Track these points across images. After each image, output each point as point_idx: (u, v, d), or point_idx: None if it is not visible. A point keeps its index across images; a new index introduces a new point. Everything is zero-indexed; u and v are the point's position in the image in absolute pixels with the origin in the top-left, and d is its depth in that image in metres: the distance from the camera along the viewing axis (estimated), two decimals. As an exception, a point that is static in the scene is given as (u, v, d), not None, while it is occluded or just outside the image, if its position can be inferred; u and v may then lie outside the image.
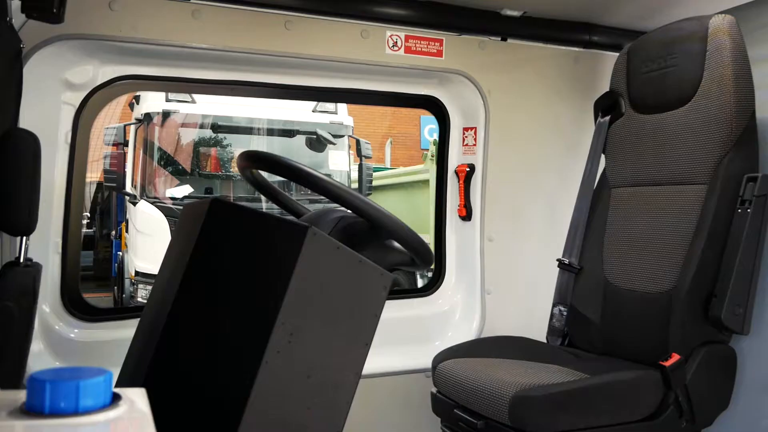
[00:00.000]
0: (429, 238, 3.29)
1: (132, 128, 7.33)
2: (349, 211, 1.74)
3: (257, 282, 1.56)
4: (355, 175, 8.08)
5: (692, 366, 2.09)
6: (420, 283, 6.98)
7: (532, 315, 2.76)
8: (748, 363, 2.26)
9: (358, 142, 7.96)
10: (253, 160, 1.83)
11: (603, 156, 2.62)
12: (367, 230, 1.76)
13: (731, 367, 2.21)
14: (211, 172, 7.42)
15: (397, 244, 1.81)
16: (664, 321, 2.16)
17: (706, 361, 2.11)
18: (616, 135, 2.55)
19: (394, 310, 2.91)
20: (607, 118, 2.60)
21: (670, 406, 2.06)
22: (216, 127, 7.39)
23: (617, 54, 2.65)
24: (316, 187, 1.65)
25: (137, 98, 7.43)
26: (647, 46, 2.46)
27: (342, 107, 7.91)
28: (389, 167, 11.96)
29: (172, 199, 6.99)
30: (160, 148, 7.18)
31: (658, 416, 2.06)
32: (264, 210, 6.12)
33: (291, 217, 2.02)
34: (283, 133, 7.60)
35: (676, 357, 2.05)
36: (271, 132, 7.56)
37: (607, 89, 2.63)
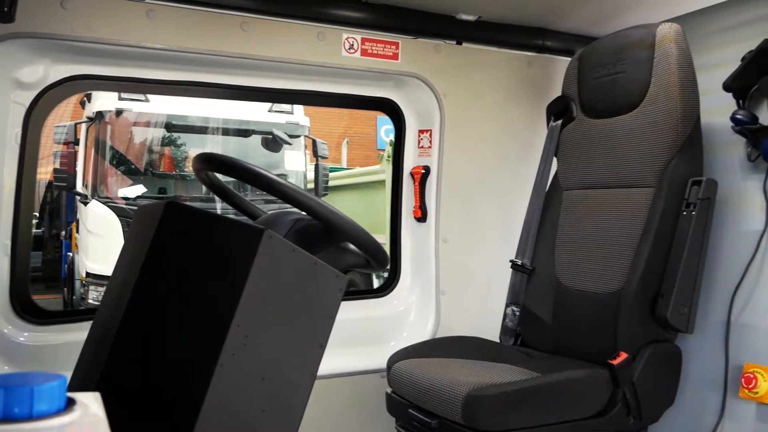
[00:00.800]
0: (386, 239, 3.32)
1: (83, 127, 7.19)
2: (304, 213, 1.74)
3: (212, 285, 1.56)
4: (311, 175, 8.06)
5: (639, 364, 2.15)
6: (376, 284, 7.00)
7: (486, 315, 2.79)
8: (693, 361, 2.34)
9: (314, 142, 7.94)
10: (209, 162, 1.82)
11: (555, 159, 2.68)
12: (322, 232, 1.77)
13: (676, 365, 2.28)
14: (165, 171, 7.32)
15: (352, 246, 1.82)
16: (613, 320, 2.22)
17: (652, 359, 2.18)
18: (568, 138, 2.61)
19: (349, 311, 2.92)
20: (559, 122, 2.65)
21: (618, 403, 2.12)
22: (170, 127, 7.29)
23: (570, 59, 2.71)
24: (271, 189, 1.66)
25: (89, 96, 7.29)
26: (598, 52, 2.52)
27: (298, 107, 7.89)
28: (346, 167, 11.96)
29: (125, 199, 6.88)
30: (112, 147, 7.05)
31: (607, 413, 2.11)
32: (219, 211, 6.07)
33: (246, 220, 2.02)
34: (238, 133, 7.54)
35: (623, 355, 2.10)
36: (226, 132, 7.50)
37: (560, 93, 2.69)
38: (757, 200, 2.27)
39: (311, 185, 8.05)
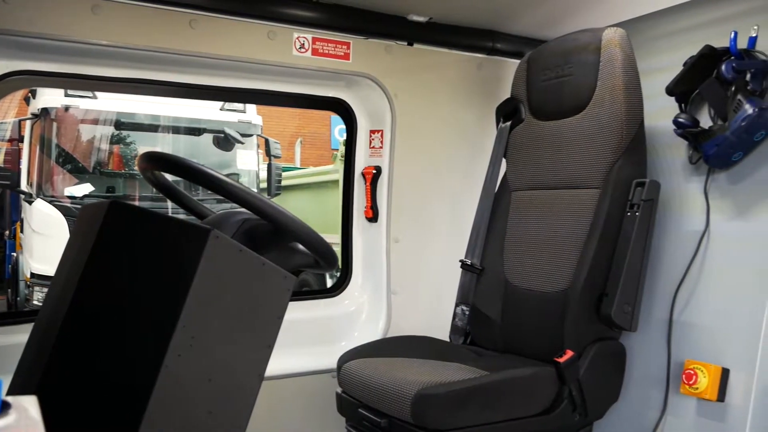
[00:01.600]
0: (339, 239, 3.31)
1: (28, 123, 7.00)
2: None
3: (158, 285, 1.53)
4: (264, 174, 8.00)
5: (585, 362, 2.19)
6: (330, 284, 6.99)
7: (436, 315, 2.81)
8: (636, 358, 2.40)
9: (267, 141, 7.89)
10: (154, 161, 1.80)
11: (504, 160, 2.71)
12: (271, 233, 1.76)
13: (621, 362, 2.33)
14: (113, 170, 7.18)
15: (301, 247, 1.82)
16: (560, 319, 2.26)
17: (597, 356, 2.22)
18: (517, 140, 2.64)
19: (300, 311, 2.92)
20: (508, 123, 2.68)
21: (564, 400, 2.16)
22: (119, 124, 7.15)
23: (519, 61, 2.74)
24: (219, 189, 1.64)
25: (33, 92, 7.10)
26: (545, 55, 2.56)
27: (251, 106, 7.83)
28: (299, 167, 11.91)
29: (71, 198, 6.72)
30: (58, 145, 6.88)
31: (553, 410, 2.15)
32: (170, 212, 5.98)
33: (194, 219, 1.99)
34: (189, 132, 7.44)
35: (569, 353, 2.14)
36: (176, 130, 7.39)
37: (509, 95, 2.72)
38: (698, 201, 2.33)
39: (264, 185, 8.00)
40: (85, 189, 6.86)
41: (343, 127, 3.12)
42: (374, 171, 2.97)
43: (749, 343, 2.12)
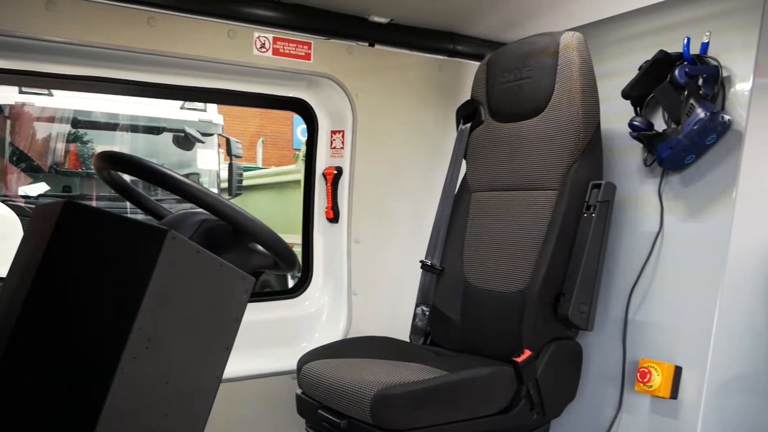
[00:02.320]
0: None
1: (-20, 121, 6.82)
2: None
3: (114, 287, 1.51)
4: (225, 174, 7.93)
5: (542, 361, 2.22)
6: (292, 284, 6.95)
7: (397, 315, 2.82)
8: (593, 357, 2.44)
9: (228, 140, 7.81)
10: (110, 161, 1.76)
11: (464, 161, 2.73)
12: (229, 233, 1.74)
13: (577, 362, 2.37)
14: (69, 169, 7.03)
15: (260, 247, 1.81)
16: (518, 319, 2.28)
17: (555, 356, 2.25)
18: (476, 141, 2.67)
19: (261, 312, 2.91)
20: (468, 125, 2.70)
21: (522, 399, 2.18)
22: (76, 122, 7.01)
23: (479, 63, 2.77)
24: (176, 189, 1.62)
25: (-15, 89, 6.93)
26: (505, 57, 2.59)
27: (212, 105, 7.75)
28: (261, 167, 11.82)
29: (25, 197, 6.57)
30: (12, 143, 6.72)
31: (512, 409, 2.17)
32: (129, 212, 5.89)
33: (152, 220, 1.97)
34: (148, 130, 7.33)
35: (527, 353, 2.17)
36: (135, 128, 7.27)
37: (469, 97, 2.74)
38: (653, 203, 2.38)
39: (225, 185, 7.93)
40: (40, 188, 6.71)
41: (306, 126, 3.11)
42: (335, 171, 2.97)
43: (701, 342, 2.17)
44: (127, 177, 1.92)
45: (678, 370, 2.20)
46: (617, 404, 2.35)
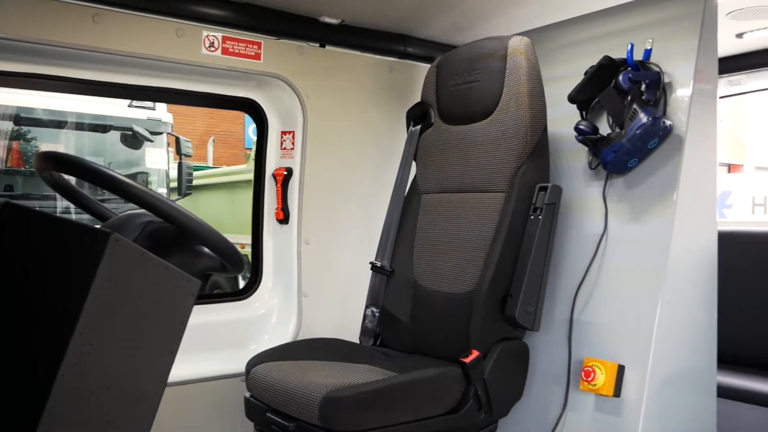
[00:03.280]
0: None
1: None
2: None
3: (54, 291, 1.48)
4: (174, 173, 7.81)
5: (490, 361, 2.24)
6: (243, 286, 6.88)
7: (347, 316, 2.82)
8: (539, 357, 2.47)
9: (177, 139, 7.69)
10: (51, 161, 1.72)
11: (414, 163, 2.75)
12: (175, 235, 1.72)
13: (524, 361, 2.40)
14: (12, 167, 6.83)
15: (207, 249, 1.79)
16: (466, 320, 2.30)
17: (502, 356, 2.28)
18: (426, 144, 2.68)
19: (209, 315, 2.87)
20: (418, 127, 2.72)
21: (470, 399, 2.19)
22: (18, 119, 6.81)
23: (429, 66, 2.78)
24: (119, 190, 1.59)
25: None
26: (454, 60, 2.61)
27: (161, 103, 7.62)
28: (211, 166, 11.68)
29: (-37, 197, 6.36)
30: (-51, 141, 6.51)
31: (460, 409, 2.18)
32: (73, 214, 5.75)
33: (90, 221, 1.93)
34: (95, 128, 7.17)
35: (475, 353, 2.19)
36: (81, 126, 7.10)
37: (420, 99, 2.76)
38: (597, 205, 2.43)
39: (175, 184, 7.81)
40: (-21, 188, 6.51)
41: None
42: (285, 172, 2.95)
43: (643, 340, 2.22)
44: (71, 178, 1.88)
45: (621, 369, 2.25)
46: (563, 403, 2.39)
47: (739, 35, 3.01)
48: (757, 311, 3.14)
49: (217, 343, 2.85)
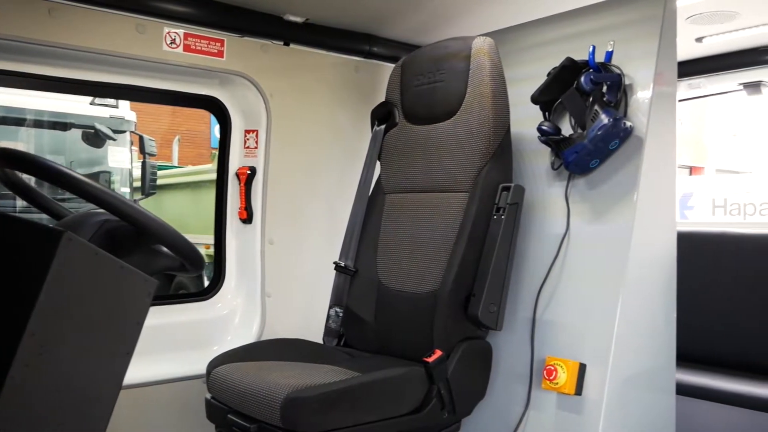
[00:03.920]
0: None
1: None
2: None
3: (5, 291, 1.44)
4: (138, 173, 7.69)
5: (453, 361, 2.24)
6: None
7: (311, 317, 2.80)
8: (502, 356, 2.48)
9: (141, 138, 7.57)
10: (3, 158, 1.68)
11: (379, 162, 2.74)
12: (133, 235, 1.69)
13: (487, 360, 2.40)
14: (-34, 165, 6.65)
15: (166, 249, 1.76)
16: (430, 320, 2.30)
17: (465, 355, 2.28)
18: (390, 143, 2.68)
19: (171, 315, 2.84)
20: (383, 126, 2.71)
21: (433, 399, 2.19)
22: (-27, 117, 6.66)
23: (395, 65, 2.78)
24: (74, 189, 1.56)
25: None
26: (418, 60, 2.61)
27: (124, 101, 7.50)
28: (176, 166, 11.55)
29: None
30: None
31: (423, 409, 2.18)
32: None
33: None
34: (55, 126, 7.02)
35: (438, 353, 2.19)
36: (41, 124, 6.95)
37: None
38: (560, 206, 2.45)
39: (139, 183, 7.69)
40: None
41: (220, 125, 3.05)
42: (249, 171, 2.93)
43: (604, 339, 2.25)
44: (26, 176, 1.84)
45: (582, 368, 2.27)
46: (525, 401, 2.41)
47: (699, 39, 3.06)
48: (715, 310, 3.20)
49: (178, 344, 2.81)
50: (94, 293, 1.45)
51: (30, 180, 1.93)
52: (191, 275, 2.73)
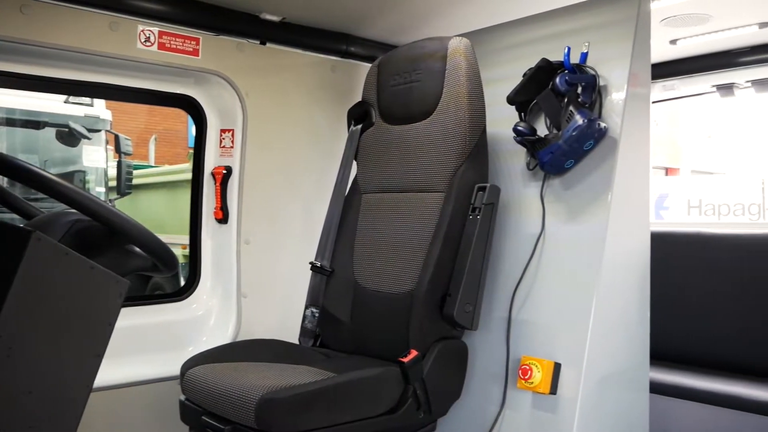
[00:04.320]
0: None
1: None
2: None
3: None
4: (114, 172, 7.62)
5: (429, 361, 2.24)
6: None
7: (287, 317, 2.78)
8: (478, 356, 2.49)
9: (117, 137, 7.51)
10: None
11: (355, 162, 2.73)
12: (105, 235, 1.67)
13: (463, 360, 2.41)
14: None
15: (138, 249, 1.74)
16: (406, 320, 2.30)
17: (441, 355, 2.28)
18: (367, 143, 2.67)
19: (145, 316, 2.81)
20: (359, 126, 2.71)
21: (409, 399, 2.19)
22: (-57, 114, 6.56)
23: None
24: (44, 188, 1.53)
25: None
26: (395, 60, 2.61)
27: (99, 99, 7.43)
28: (153, 165, 11.45)
29: None
30: None
31: (398, 409, 2.17)
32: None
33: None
34: (28, 125, 6.93)
35: (414, 353, 2.18)
36: (12, 122, 6.86)
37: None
38: (535, 206, 2.46)
39: (114, 183, 7.62)
40: None
41: (196, 125, 3.03)
42: (224, 171, 2.91)
43: (578, 339, 2.26)
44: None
45: (557, 367, 2.28)
46: (501, 401, 2.41)
47: (673, 42, 3.09)
48: (689, 309, 3.24)
49: (153, 346, 2.79)
50: (64, 294, 1.43)
51: (2, 180, 1.91)
52: (165, 275, 2.70)
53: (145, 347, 2.76)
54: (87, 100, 7.27)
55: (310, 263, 2.65)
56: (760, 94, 3.52)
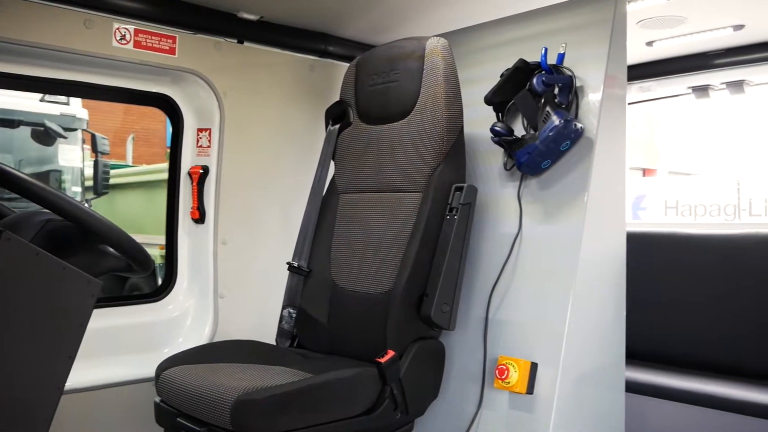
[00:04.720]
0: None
1: None
2: None
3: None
4: (90, 171, 7.53)
5: (406, 361, 2.24)
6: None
7: (265, 318, 2.77)
8: (455, 355, 2.49)
9: (93, 136, 7.42)
10: None
11: (333, 162, 2.72)
12: (78, 235, 1.65)
13: (440, 360, 2.41)
14: None
15: (112, 249, 1.72)
16: (383, 320, 2.29)
17: (418, 355, 2.28)
18: (345, 143, 2.66)
19: (120, 317, 2.78)
20: (337, 126, 2.70)
21: (386, 399, 2.18)
22: None
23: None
24: (15, 187, 1.51)
25: None
26: (373, 60, 2.61)
27: (75, 98, 7.34)
28: (131, 165, 11.34)
29: None
30: None
31: (375, 410, 2.17)
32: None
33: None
34: (2, 123, 6.83)
35: (391, 353, 2.18)
36: (-14, 120, 6.77)
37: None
38: (512, 206, 2.46)
39: (91, 183, 7.54)
40: None
41: (173, 124, 3.00)
42: (201, 171, 2.89)
43: (555, 338, 2.27)
44: None
45: (534, 367, 2.28)
46: (478, 401, 2.41)
47: (649, 43, 3.12)
48: (664, 308, 3.27)
49: (128, 347, 2.76)
50: (34, 294, 1.41)
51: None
52: (140, 276, 2.68)
53: (120, 348, 2.74)
54: (63, 98, 7.18)
55: (288, 263, 2.63)
56: (735, 96, 3.56)
